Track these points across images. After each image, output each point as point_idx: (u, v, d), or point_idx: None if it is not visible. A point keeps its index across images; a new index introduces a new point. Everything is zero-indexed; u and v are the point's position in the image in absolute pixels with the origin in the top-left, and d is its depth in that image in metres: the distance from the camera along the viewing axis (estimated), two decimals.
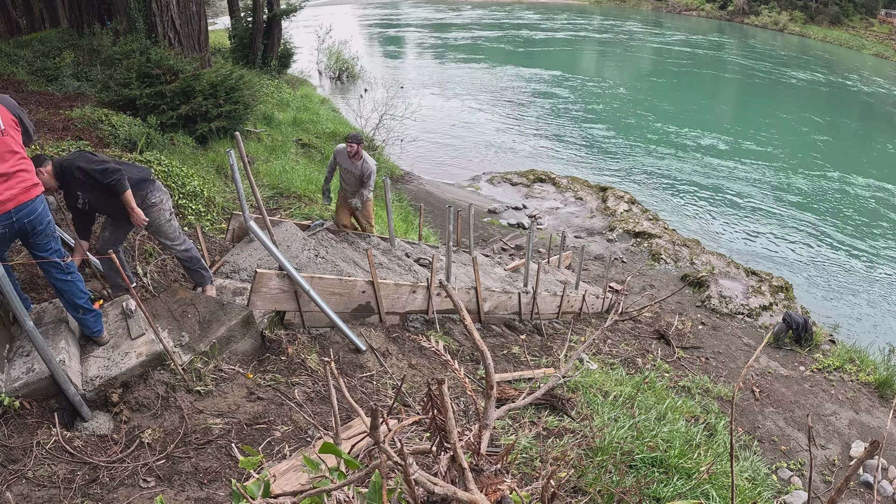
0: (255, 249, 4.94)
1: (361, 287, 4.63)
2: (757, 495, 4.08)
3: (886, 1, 49.52)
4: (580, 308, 8.00)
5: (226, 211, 6.65)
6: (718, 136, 20.90)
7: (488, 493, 1.83)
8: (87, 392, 3.14)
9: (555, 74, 29.26)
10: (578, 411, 4.14)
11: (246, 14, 19.06)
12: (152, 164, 6.30)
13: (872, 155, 20.50)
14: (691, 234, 13.24)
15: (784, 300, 10.64)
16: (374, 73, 26.08)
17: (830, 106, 26.80)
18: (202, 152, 8.79)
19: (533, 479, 3.04)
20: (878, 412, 7.14)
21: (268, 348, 4.02)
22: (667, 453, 3.54)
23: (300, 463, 2.60)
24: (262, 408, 3.44)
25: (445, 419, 1.74)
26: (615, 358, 6.60)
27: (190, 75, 9.26)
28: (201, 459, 2.97)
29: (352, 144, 5.98)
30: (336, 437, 2.09)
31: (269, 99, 14.75)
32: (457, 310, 2.40)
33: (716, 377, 7.25)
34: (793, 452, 6.19)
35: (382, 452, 1.49)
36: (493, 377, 2.26)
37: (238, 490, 1.47)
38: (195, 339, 3.64)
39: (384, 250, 6.39)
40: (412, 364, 4.59)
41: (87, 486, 2.68)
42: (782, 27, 49.31)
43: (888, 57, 41.55)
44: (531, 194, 14.55)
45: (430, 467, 2.41)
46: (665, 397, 5.05)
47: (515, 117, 21.85)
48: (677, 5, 57.51)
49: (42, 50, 11.97)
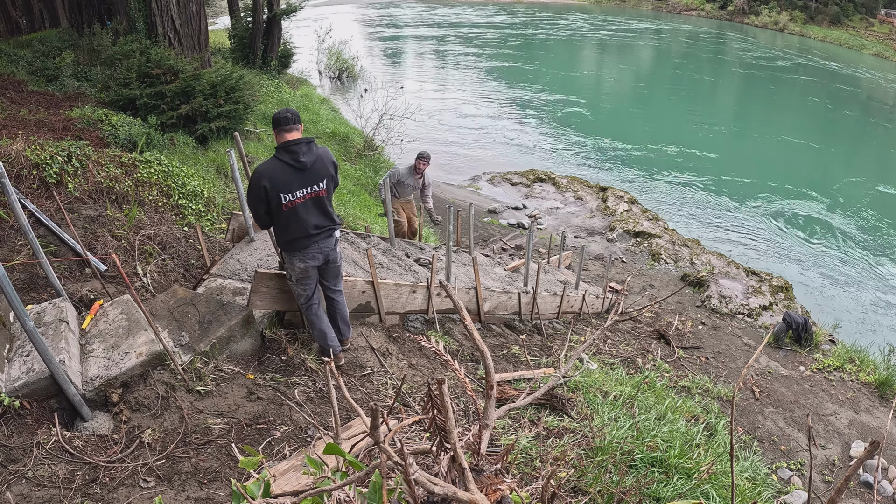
0: (255, 249, 4.94)
1: (361, 287, 4.63)
2: (757, 495, 4.08)
3: (886, 1, 49.51)
4: (580, 308, 8.00)
5: (226, 211, 6.65)
6: (718, 136, 20.90)
7: (488, 493, 1.83)
8: (87, 392, 3.14)
9: (555, 74, 29.26)
10: (578, 411, 4.14)
11: (246, 14, 19.05)
12: (153, 164, 6.30)
13: (873, 155, 20.50)
14: (691, 233, 13.24)
15: (784, 300, 10.64)
16: (374, 73, 26.09)
17: (830, 106, 26.79)
18: (202, 152, 8.79)
19: (533, 478, 3.04)
20: (878, 412, 7.14)
21: (268, 348, 4.02)
22: (667, 453, 3.54)
23: (300, 463, 2.60)
24: (262, 408, 3.44)
25: (445, 419, 1.74)
26: (615, 358, 6.60)
27: (190, 75, 9.25)
28: (201, 459, 2.97)
29: (424, 162, 6.91)
30: (336, 437, 2.09)
31: (269, 99, 14.74)
32: (457, 310, 2.40)
33: (716, 377, 7.25)
34: (793, 452, 6.19)
35: (382, 452, 1.49)
36: (493, 377, 2.26)
37: (238, 490, 1.47)
38: (195, 338, 3.64)
39: (384, 250, 6.39)
40: (412, 364, 4.59)
41: (87, 486, 2.68)
42: (782, 27, 49.30)
43: (888, 57, 41.54)
44: (531, 194, 14.55)
45: (430, 467, 2.41)
46: (665, 397, 5.04)
47: (515, 117, 21.85)
48: (677, 5, 57.50)
49: (42, 50, 11.98)
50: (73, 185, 5.14)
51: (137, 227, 5.17)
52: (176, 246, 5.28)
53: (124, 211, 5.25)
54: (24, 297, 3.99)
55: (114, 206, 5.29)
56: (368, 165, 13.46)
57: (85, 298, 4.09)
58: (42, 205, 4.84)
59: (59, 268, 4.30)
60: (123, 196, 5.44)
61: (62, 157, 5.27)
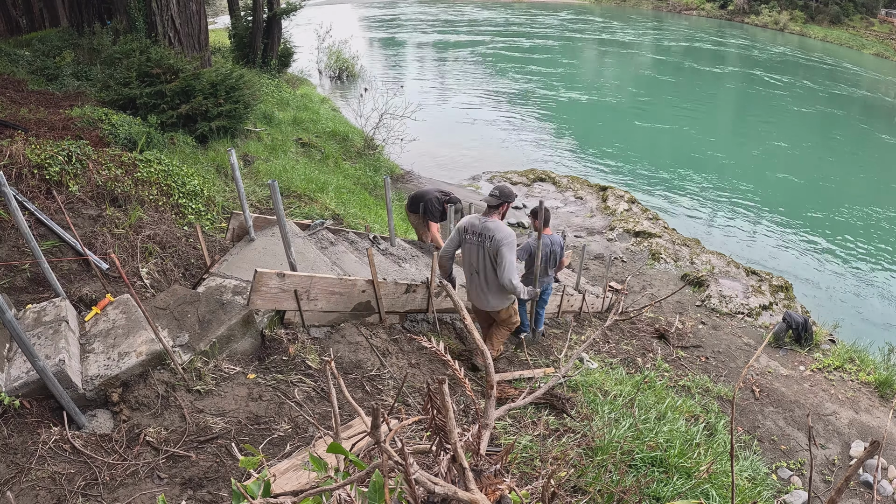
0: (255, 249, 4.94)
1: (361, 286, 4.63)
2: (757, 495, 4.08)
3: (887, 1, 49.49)
4: (580, 307, 8.01)
5: (226, 210, 6.65)
6: (718, 136, 20.90)
7: (488, 493, 1.83)
8: (87, 391, 3.14)
9: (555, 73, 29.26)
10: (578, 411, 4.14)
11: (246, 13, 19.04)
12: (153, 164, 6.30)
13: (873, 155, 20.50)
14: (691, 233, 13.23)
15: (784, 300, 10.64)
16: (374, 73, 26.08)
17: (830, 106, 26.78)
18: (202, 151, 8.78)
19: (533, 478, 3.04)
20: (878, 412, 7.14)
21: (268, 347, 4.02)
22: (667, 453, 3.54)
23: (300, 462, 2.60)
24: (263, 407, 3.44)
25: (445, 419, 1.74)
26: (615, 357, 6.60)
27: (190, 74, 9.24)
28: (201, 459, 2.97)
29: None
30: (336, 437, 2.09)
31: (269, 98, 14.74)
32: (457, 309, 2.40)
33: (716, 377, 7.25)
34: (793, 452, 6.19)
35: (383, 452, 1.49)
36: (493, 377, 2.26)
37: (238, 489, 1.47)
38: (195, 338, 3.64)
39: (384, 250, 6.39)
40: (412, 363, 4.59)
41: (88, 486, 2.68)
42: (782, 27, 49.28)
43: (888, 57, 41.53)
44: (531, 193, 14.54)
45: (430, 467, 2.41)
46: (665, 397, 5.04)
47: (515, 116, 21.84)
48: (677, 4, 57.45)
49: (42, 49, 11.97)
50: (73, 185, 5.14)
51: (137, 227, 5.17)
52: (176, 245, 5.28)
53: (128, 216, 5.25)
54: (25, 297, 4.00)
55: (114, 206, 5.29)
56: (368, 165, 13.45)
57: (85, 298, 4.09)
58: (43, 204, 4.84)
59: (59, 268, 4.30)
60: (123, 195, 5.44)
61: (62, 157, 5.27)
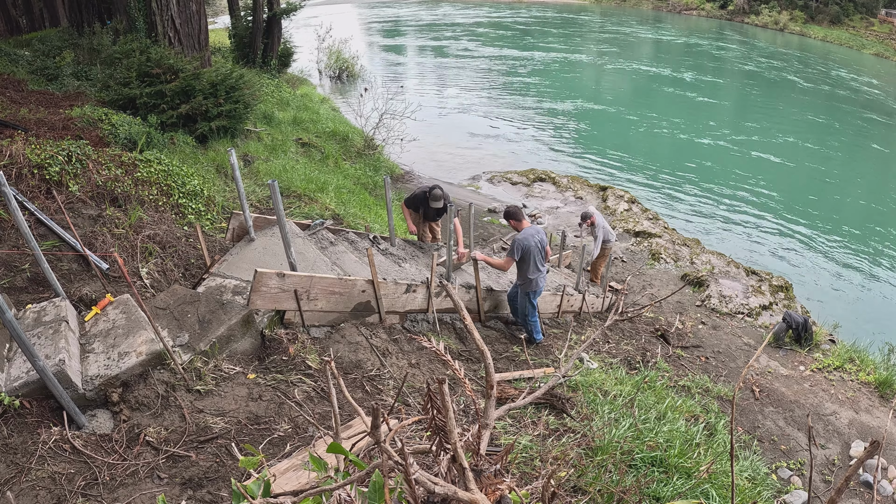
0: (255, 249, 4.94)
1: (361, 286, 4.63)
2: (757, 495, 4.08)
3: (887, 1, 49.47)
4: (580, 307, 8.01)
5: (226, 210, 6.64)
6: (719, 136, 20.89)
7: (488, 493, 1.83)
8: (87, 391, 3.14)
9: (555, 73, 29.26)
10: (578, 411, 4.14)
11: (246, 13, 19.04)
12: (153, 164, 6.30)
13: (873, 155, 20.50)
14: (691, 233, 13.23)
15: (784, 300, 10.63)
16: (374, 73, 26.07)
17: (830, 106, 26.78)
18: (202, 151, 8.77)
19: (533, 478, 3.04)
20: (878, 412, 7.14)
21: (268, 347, 4.02)
22: (667, 453, 3.54)
23: (300, 462, 2.60)
24: (262, 407, 3.44)
25: (445, 419, 1.74)
26: (615, 357, 6.60)
27: (190, 74, 9.24)
28: (201, 459, 2.97)
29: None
30: (336, 437, 2.09)
31: (269, 98, 14.73)
32: (457, 309, 2.40)
33: (716, 377, 7.25)
34: (793, 452, 6.19)
35: (383, 452, 1.49)
36: (493, 377, 2.26)
37: (238, 489, 1.47)
38: (195, 338, 3.64)
39: (384, 250, 6.39)
40: (412, 363, 4.59)
41: (88, 486, 2.68)
42: (782, 27, 49.26)
43: (888, 57, 41.51)
44: (531, 193, 14.53)
45: (430, 467, 2.41)
46: (665, 397, 5.04)
47: (515, 117, 21.83)
48: (677, 4, 57.43)
49: (42, 49, 11.98)
50: (73, 185, 5.14)
51: (137, 227, 5.17)
52: (176, 245, 5.28)
53: (128, 216, 5.25)
54: (25, 297, 3.99)
55: (114, 206, 5.29)
56: (368, 165, 13.45)
57: (85, 298, 4.09)
58: (43, 204, 4.84)
59: (59, 268, 4.30)
60: (123, 195, 5.44)
61: (62, 157, 5.27)
